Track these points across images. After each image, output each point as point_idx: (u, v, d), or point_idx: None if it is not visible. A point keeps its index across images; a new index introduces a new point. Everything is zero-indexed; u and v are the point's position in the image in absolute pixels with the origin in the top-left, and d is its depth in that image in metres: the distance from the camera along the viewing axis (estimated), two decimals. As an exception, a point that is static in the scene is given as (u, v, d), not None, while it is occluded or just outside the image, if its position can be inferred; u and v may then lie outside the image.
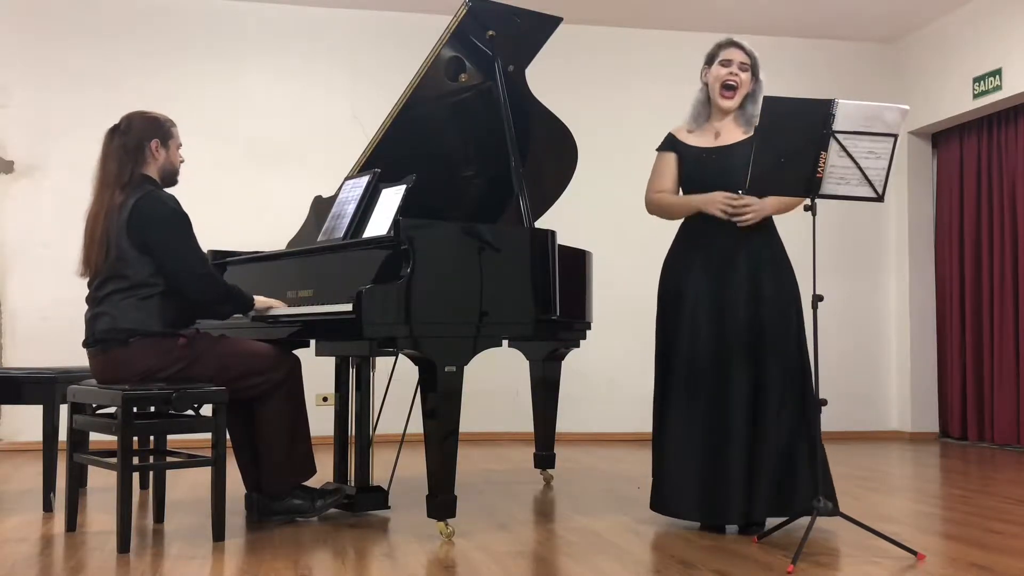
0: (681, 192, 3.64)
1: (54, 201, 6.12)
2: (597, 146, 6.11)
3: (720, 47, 3.57)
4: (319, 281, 3.60)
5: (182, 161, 3.53)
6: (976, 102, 6.43)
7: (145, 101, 6.28)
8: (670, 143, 3.66)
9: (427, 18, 6.21)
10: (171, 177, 3.50)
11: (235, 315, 3.57)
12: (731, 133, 3.57)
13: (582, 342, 4.53)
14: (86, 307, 3.40)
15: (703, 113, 3.61)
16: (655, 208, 3.67)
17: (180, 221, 3.34)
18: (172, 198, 3.38)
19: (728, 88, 3.54)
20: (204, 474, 3.66)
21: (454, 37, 3.89)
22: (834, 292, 6.43)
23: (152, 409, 3.29)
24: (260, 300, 3.56)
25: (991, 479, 5.01)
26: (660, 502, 3.50)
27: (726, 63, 3.54)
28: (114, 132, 3.43)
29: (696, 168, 3.58)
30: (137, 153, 3.39)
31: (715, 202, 3.45)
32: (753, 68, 3.55)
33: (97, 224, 3.34)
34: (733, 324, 3.41)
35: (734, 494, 3.34)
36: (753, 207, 3.41)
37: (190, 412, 3.32)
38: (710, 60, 3.60)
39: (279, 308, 3.57)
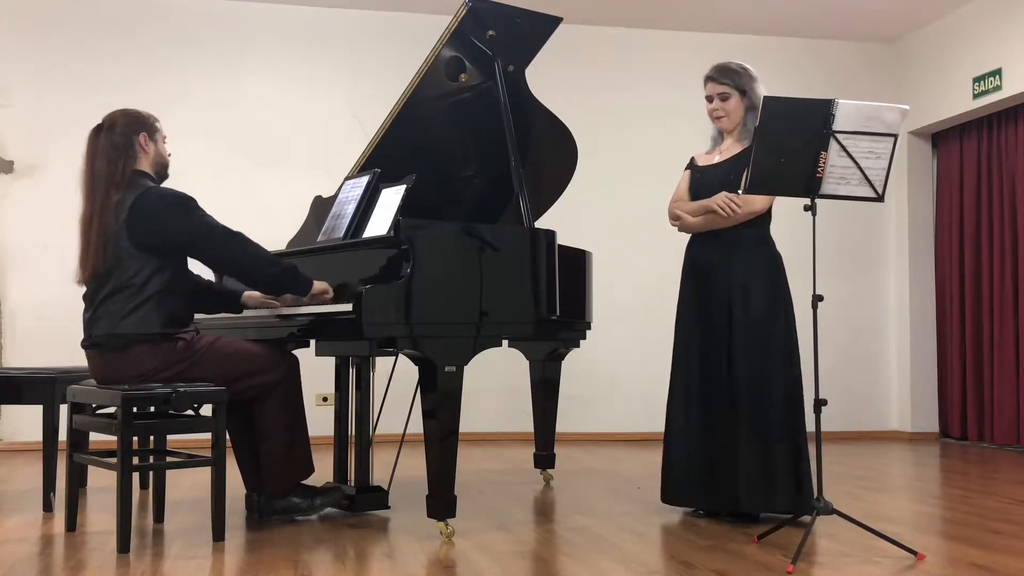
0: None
1: (54, 201, 6.10)
2: (597, 146, 6.11)
3: (704, 81, 3.79)
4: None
5: (170, 154, 3.50)
6: (976, 102, 6.43)
7: (145, 101, 6.32)
8: (689, 165, 3.94)
9: (427, 18, 6.22)
10: (163, 170, 3.47)
11: (291, 292, 3.43)
12: (729, 150, 3.78)
13: (582, 342, 4.53)
14: (83, 305, 3.38)
15: (717, 138, 3.86)
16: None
17: (184, 202, 3.30)
18: (170, 189, 3.36)
19: (717, 119, 3.78)
20: (204, 474, 3.66)
21: (454, 37, 3.89)
22: (834, 292, 6.45)
23: (152, 409, 3.29)
24: (318, 283, 3.44)
25: (991, 479, 5.00)
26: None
27: (708, 99, 3.79)
28: (99, 131, 3.38)
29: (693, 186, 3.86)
30: (127, 149, 3.34)
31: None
32: (737, 87, 3.70)
33: (91, 227, 3.28)
34: (715, 332, 3.64)
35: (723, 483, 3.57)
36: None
37: (190, 412, 3.32)
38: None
39: (328, 293, 3.45)
